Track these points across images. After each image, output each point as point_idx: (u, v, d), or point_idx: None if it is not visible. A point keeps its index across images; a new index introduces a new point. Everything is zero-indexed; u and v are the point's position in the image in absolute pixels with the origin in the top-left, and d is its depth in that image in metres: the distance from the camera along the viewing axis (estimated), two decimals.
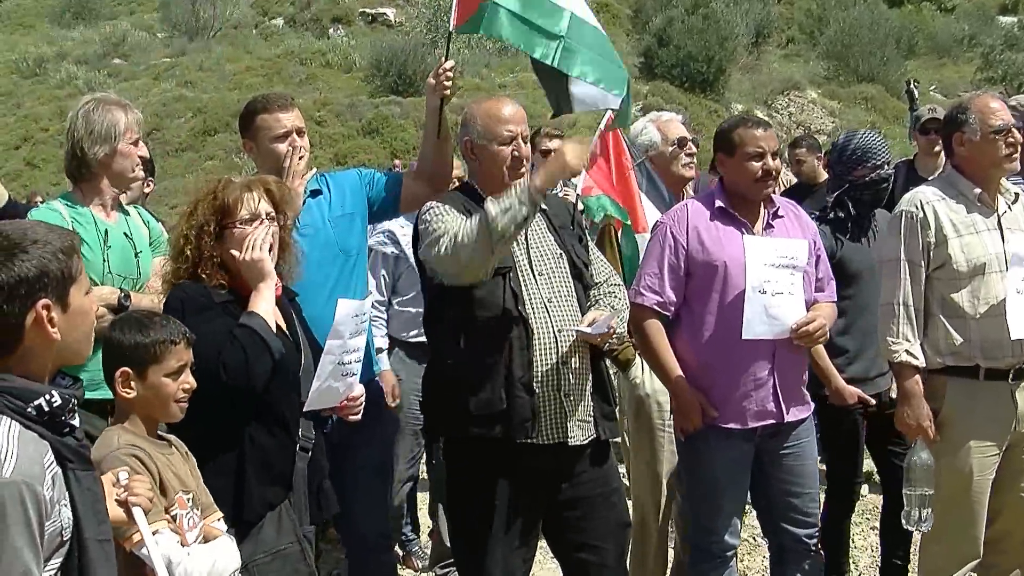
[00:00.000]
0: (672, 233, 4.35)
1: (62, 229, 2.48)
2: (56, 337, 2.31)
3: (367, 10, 35.24)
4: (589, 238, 4.42)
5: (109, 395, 3.65)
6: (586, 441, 3.99)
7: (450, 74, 4.30)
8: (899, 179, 6.76)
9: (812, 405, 4.50)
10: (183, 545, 2.99)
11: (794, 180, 8.59)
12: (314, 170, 4.42)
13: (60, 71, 29.85)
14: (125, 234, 4.23)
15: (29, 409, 2.23)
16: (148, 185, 6.33)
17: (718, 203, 4.37)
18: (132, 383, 3.10)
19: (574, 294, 4.05)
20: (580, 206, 5.18)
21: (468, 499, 4.05)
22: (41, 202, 4.95)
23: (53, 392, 2.27)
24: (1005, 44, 31.53)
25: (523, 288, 3.94)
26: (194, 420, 3.27)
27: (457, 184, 4.56)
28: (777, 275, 4.20)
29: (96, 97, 4.36)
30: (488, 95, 4.64)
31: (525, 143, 4.07)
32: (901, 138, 21.43)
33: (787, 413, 4.31)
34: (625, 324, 4.20)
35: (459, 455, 4.11)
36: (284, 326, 3.64)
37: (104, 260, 4.07)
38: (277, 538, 3.43)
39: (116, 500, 2.79)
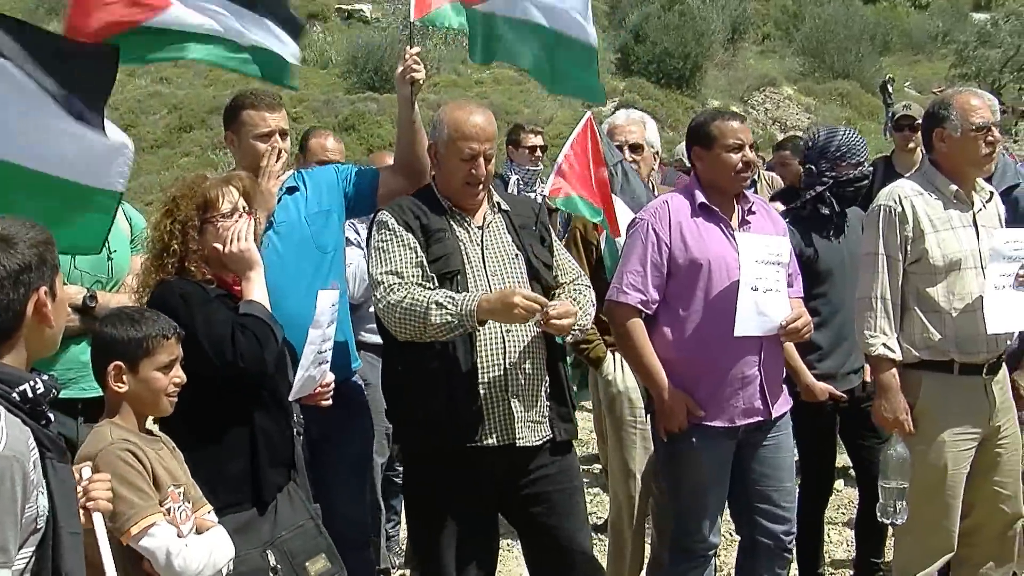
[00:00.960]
0: (654, 230, 4.31)
1: (32, 222, 2.53)
2: (52, 323, 2.35)
3: (343, 6, 35.13)
4: (555, 239, 4.34)
5: (77, 394, 3.68)
6: (539, 442, 3.97)
7: (417, 58, 4.30)
8: (877, 175, 6.80)
9: (791, 399, 4.52)
10: (179, 536, 3.05)
11: (780, 184, 8.57)
12: (290, 172, 4.41)
13: None
14: None
15: (14, 395, 2.26)
16: None
17: (699, 199, 4.35)
18: (124, 377, 3.13)
19: None
20: (551, 206, 5.16)
21: (422, 503, 4.07)
22: None
23: (37, 379, 2.31)
24: (979, 41, 31.69)
25: (472, 288, 3.91)
26: (206, 407, 3.36)
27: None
28: (766, 272, 4.21)
29: None
30: (461, 100, 4.61)
31: (488, 161, 4.02)
32: (876, 134, 21.55)
33: (773, 409, 4.34)
34: (589, 319, 4.15)
35: (412, 459, 4.14)
36: None
37: (71, 256, 4.03)
38: (293, 515, 3.52)
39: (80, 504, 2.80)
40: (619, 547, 5.16)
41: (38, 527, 2.27)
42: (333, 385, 4.01)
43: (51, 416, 2.38)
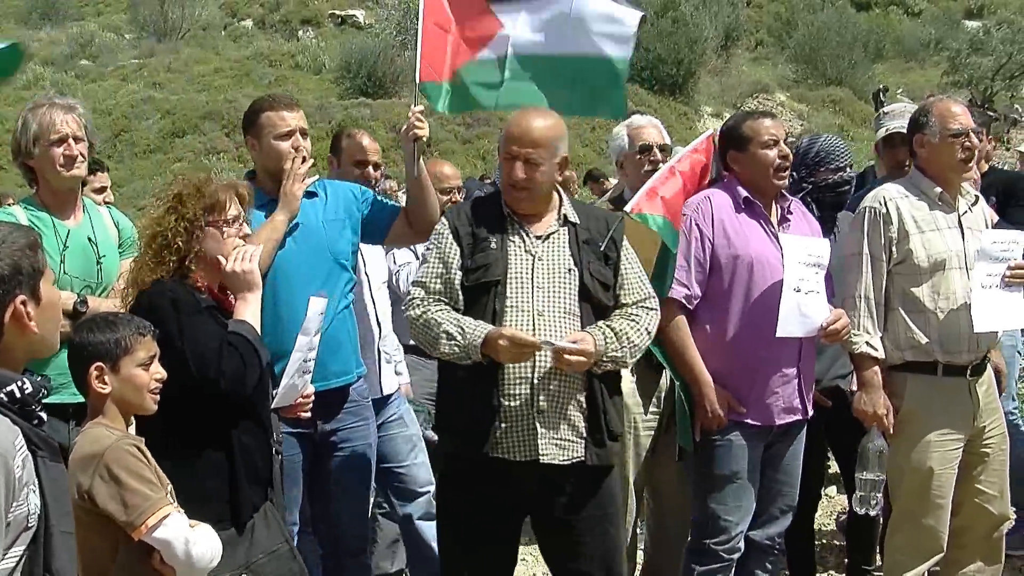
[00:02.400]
0: (697, 225, 4.31)
1: (21, 226, 2.52)
2: (34, 330, 2.35)
3: (337, 12, 35.18)
4: (627, 257, 4.00)
5: (68, 399, 3.67)
6: (567, 462, 3.82)
7: (420, 116, 4.36)
8: (870, 181, 6.84)
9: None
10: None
11: None
12: (316, 177, 4.41)
13: (27, 72, 29.54)
14: (88, 238, 4.21)
15: (1, 395, 2.25)
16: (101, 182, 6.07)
17: (743, 194, 4.34)
18: (107, 377, 3.14)
19: (576, 312, 3.83)
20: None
21: (448, 504, 4.06)
22: (12, 204, 4.90)
23: (24, 380, 2.30)
24: (971, 48, 31.82)
25: (510, 299, 3.81)
26: (186, 421, 3.35)
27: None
28: (808, 273, 4.22)
29: (34, 100, 4.34)
30: (536, 107, 4.52)
31: (534, 166, 3.85)
32: (869, 141, 21.61)
33: (810, 409, 4.37)
34: (628, 351, 3.85)
35: (446, 461, 4.11)
36: None
37: (60, 262, 4.05)
38: (269, 538, 3.49)
39: None
40: None
41: (29, 525, 2.27)
42: (313, 397, 3.97)
43: (43, 416, 2.38)
